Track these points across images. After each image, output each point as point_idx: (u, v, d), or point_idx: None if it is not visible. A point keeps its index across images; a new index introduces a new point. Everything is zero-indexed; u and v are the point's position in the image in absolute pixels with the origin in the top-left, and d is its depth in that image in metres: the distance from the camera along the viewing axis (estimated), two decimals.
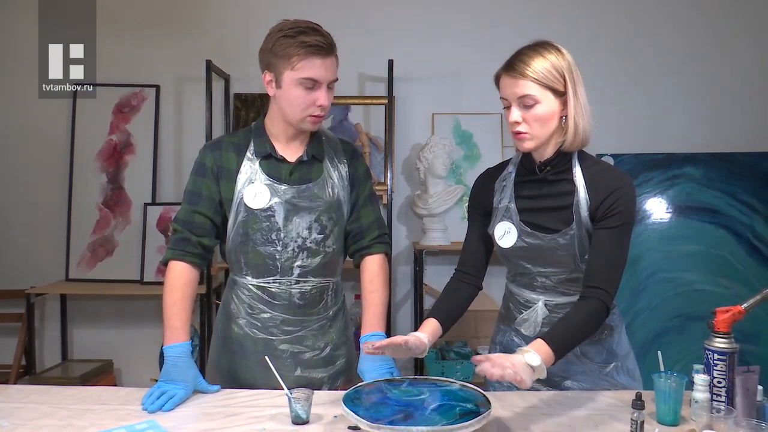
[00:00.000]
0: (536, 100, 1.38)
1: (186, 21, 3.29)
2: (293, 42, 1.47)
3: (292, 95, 1.51)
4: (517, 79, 1.39)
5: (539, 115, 1.39)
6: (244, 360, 1.63)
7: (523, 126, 1.41)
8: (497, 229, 1.53)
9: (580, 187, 1.44)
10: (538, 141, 1.43)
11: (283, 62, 1.49)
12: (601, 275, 1.40)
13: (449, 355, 2.97)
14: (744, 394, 1.28)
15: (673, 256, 3.12)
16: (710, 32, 3.30)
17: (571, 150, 1.46)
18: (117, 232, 3.25)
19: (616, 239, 1.41)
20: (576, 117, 1.41)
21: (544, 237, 1.47)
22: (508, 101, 1.43)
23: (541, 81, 1.38)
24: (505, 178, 1.56)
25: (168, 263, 1.58)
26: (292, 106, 1.53)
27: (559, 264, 1.49)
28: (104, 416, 1.36)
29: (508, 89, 1.41)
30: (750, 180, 3.14)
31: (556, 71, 1.39)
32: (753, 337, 2.98)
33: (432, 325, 1.50)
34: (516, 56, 1.42)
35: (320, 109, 1.54)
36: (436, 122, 3.31)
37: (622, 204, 1.41)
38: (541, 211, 1.49)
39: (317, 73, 1.49)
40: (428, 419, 1.18)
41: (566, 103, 1.41)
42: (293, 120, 1.56)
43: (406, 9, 3.30)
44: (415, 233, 3.31)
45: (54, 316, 3.32)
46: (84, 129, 3.28)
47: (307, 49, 1.47)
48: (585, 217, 1.44)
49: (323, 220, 1.61)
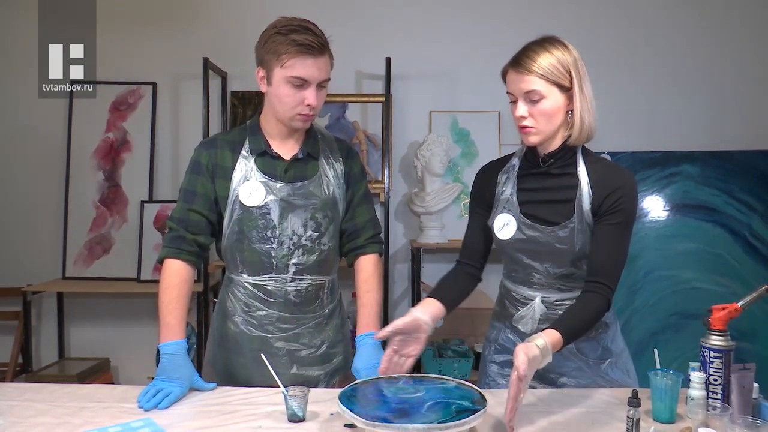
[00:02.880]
0: (542, 95, 1.40)
1: (183, 18, 3.29)
2: (284, 40, 1.48)
3: (281, 93, 1.52)
4: (523, 74, 1.40)
5: (545, 109, 1.41)
6: (240, 357, 1.63)
7: (530, 120, 1.42)
8: (497, 220, 1.54)
9: (584, 182, 1.45)
10: (543, 135, 1.44)
11: (274, 59, 1.50)
12: (602, 270, 1.41)
13: (446, 353, 2.97)
14: (740, 391, 1.29)
15: (670, 254, 3.12)
16: (707, 30, 3.31)
17: (576, 144, 1.47)
18: (114, 230, 3.25)
19: (618, 235, 1.43)
20: (582, 112, 1.43)
21: (543, 229, 1.48)
22: (514, 96, 1.44)
23: (546, 76, 1.39)
24: (509, 170, 1.57)
25: (163, 261, 1.58)
26: (282, 104, 1.53)
27: (557, 258, 1.49)
28: (100, 414, 1.36)
29: (514, 84, 1.43)
30: (747, 178, 3.14)
31: (562, 66, 1.40)
32: (749, 335, 2.98)
33: (433, 305, 1.49)
34: (522, 51, 1.43)
35: (309, 108, 1.53)
36: (434, 120, 3.30)
37: (625, 201, 1.42)
38: (542, 203, 1.49)
39: (306, 72, 1.49)
40: (424, 417, 1.18)
41: (572, 98, 1.42)
42: (283, 117, 1.56)
43: (403, 7, 3.29)
44: (413, 231, 3.31)
45: (51, 314, 3.32)
46: (81, 127, 3.28)
47: (297, 47, 1.47)
48: (587, 212, 1.44)
49: (318, 218, 1.61)
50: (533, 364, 1.24)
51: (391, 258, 3.18)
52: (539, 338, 1.28)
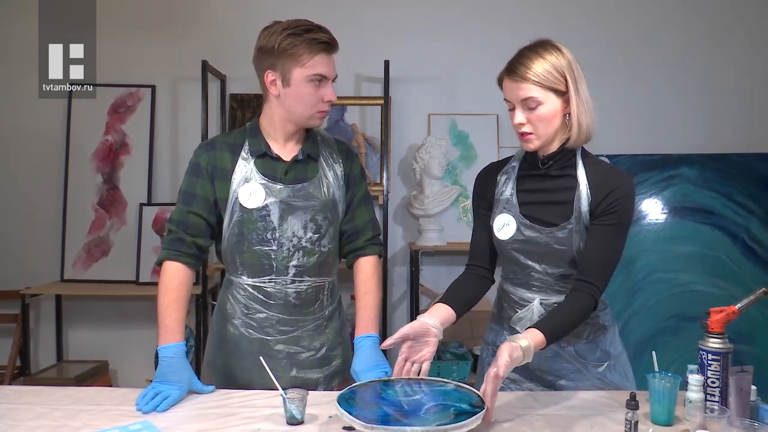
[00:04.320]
0: (539, 101, 1.41)
1: (182, 21, 3.29)
2: (302, 40, 1.49)
3: (303, 92, 1.52)
4: (519, 82, 1.41)
5: (543, 115, 1.42)
6: (239, 360, 1.63)
7: (528, 127, 1.44)
8: (497, 220, 1.55)
9: (582, 184, 1.46)
10: (543, 140, 1.46)
11: (292, 60, 1.50)
12: (592, 270, 1.43)
13: (445, 356, 2.97)
14: (737, 394, 1.29)
15: (668, 257, 3.12)
16: (706, 33, 3.31)
17: (575, 146, 1.48)
18: (112, 233, 3.25)
19: (610, 236, 1.44)
20: (579, 114, 1.44)
21: (542, 230, 1.48)
22: (511, 103, 1.45)
23: (542, 83, 1.40)
24: (508, 170, 1.58)
25: (162, 264, 1.58)
26: (303, 104, 1.54)
27: (555, 259, 1.49)
28: (98, 417, 1.36)
29: (511, 92, 1.44)
30: (745, 181, 3.14)
31: (557, 71, 1.41)
32: (747, 338, 2.98)
33: (443, 310, 1.49)
34: (516, 58, 1.44)
35: (328, 105, 1.56)
36: (433, 123, 3.31)
37: (621, 204, 1.43)
38: (541, 204, 1.51)
39: (326, 70, 1.53)
40: (423, 419, 1.18)
41: (569, 101, 1.43)
42: (302, 117, 1.56)
43: (402, 10, 3.30)
44: (411, 234, 3.31)
45: (49, 317, 3.31)
46: (80, 129, 3.28)
47: (317, 46, 1.50)
48: (584, 213, 1.45)
49: (318, 220, 1.61)
50: (514, 364, 1.27)
51: (389, 261, 3.18)
52: (523, 339, 1.30)
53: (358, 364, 1.55)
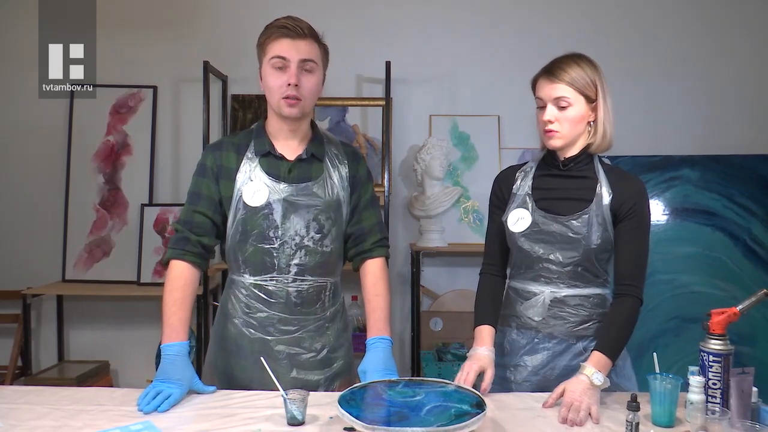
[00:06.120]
0: (570, 102, 1.51)
1: (183, 22, 3.30)
2: (267, 30, 1.56)
3: (268, 80, 1.56)
4: (555, 82, 1.51)
5: (571, 116, 1.52)
6: (240, 360, 1.63)
7: (555, 125, 1.53)
8: (511, 215, 1.61)
9: (603, 181, 1.55)
10: (565, 140, 1.54)
11: (261, 52, 1.58)
12: (630, 273, 1.52)
13: (446, 357, 2.97)
14: (739, 395, 1.29)
15: (670, 258, 3.12)
16: (707, 35, 3.31)
17: (597, 152, 1.58)
18: (114, 233, 3.25)
19: (639, 238, 1.53)
20: (605, 122, 1.55)
21: (557, 218, 1.55)
22: (543, 101, 1.54)
23: (575, 86, 1.51)
24: (526, 170, 1.66)
25: (168, 263, 1.58)
26: (270, 92, 1.57)
27: (569, 248, 1.53)
28: (99, 417, 1.36)
29: (544, 91, 1.53)
30: (747, 182, 3.14)
31: (590, 79, 1.52)
32: (748, 339, 2.98)
33: (485, 331, 1.60)
34: (554, 62, 1.55)
35: (292, 89, 1.53)
36: (434, 124, 3.31)
37: (642, 207, 1.53)
38: (559, 199, 1.57)
39: (282, 50, 1.53)
40: (423, 420, 1.18)
41: (595, 109, 1.54)
42: (274, 107, 1.59)
43: (403, 11, 3.30)
44: (412, 235, 3.31)
45: (50, 317, 3.32)
46: (81, 130, 3.28)
47: (277, 31, 1.54)
48: (605, 206, 1.52)
49: (321, 220, 1.61)
50: (596, 396, 1.41)
51: (391, 262, 3.16)
52: (594, 373, 1.41)
53: (368, 365, 1.55)
